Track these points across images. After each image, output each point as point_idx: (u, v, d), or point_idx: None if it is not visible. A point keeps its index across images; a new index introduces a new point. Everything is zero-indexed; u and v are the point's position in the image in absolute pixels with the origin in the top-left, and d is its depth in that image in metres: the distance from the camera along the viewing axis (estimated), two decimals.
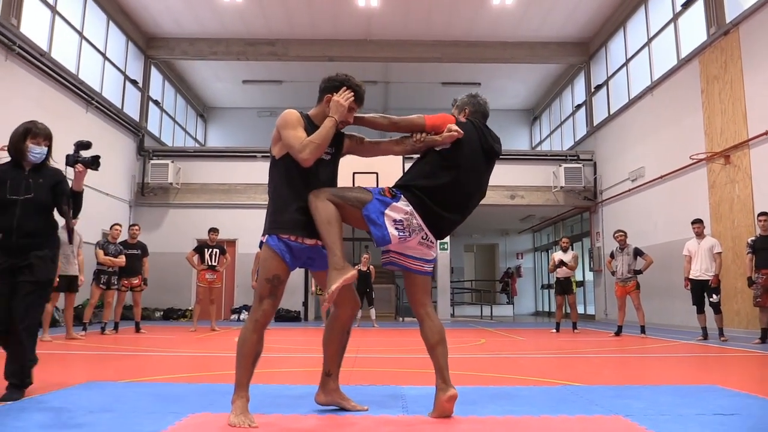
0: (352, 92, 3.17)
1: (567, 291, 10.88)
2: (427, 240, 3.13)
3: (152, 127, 16.50)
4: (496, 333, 10.71)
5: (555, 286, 11.17)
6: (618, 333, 9.74)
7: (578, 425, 2.91)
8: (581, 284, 17.35)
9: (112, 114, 13.90)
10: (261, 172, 15.61)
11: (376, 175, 13.21)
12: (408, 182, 3.15)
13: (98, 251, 9.35)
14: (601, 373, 5.28)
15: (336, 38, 15.74)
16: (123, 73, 14.82)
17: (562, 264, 10.79)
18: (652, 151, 12.83)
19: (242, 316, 14.37)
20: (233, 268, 14.68)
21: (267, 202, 3.24)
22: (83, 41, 12.86)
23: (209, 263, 10.56)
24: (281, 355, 6.57)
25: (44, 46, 11.27)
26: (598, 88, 15.92)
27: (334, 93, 3.17)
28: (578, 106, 17.40)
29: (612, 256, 10.10)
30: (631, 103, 13.87)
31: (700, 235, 8.99)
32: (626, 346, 7.97)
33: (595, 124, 16.12)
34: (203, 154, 16.72)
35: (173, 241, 14.80)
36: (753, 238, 8.39)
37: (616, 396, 3.68)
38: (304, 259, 3.15)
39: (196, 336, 9.28)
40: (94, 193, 13.00)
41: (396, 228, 3.03)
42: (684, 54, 11.73)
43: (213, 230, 10.84)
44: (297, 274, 13.80)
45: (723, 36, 10.44)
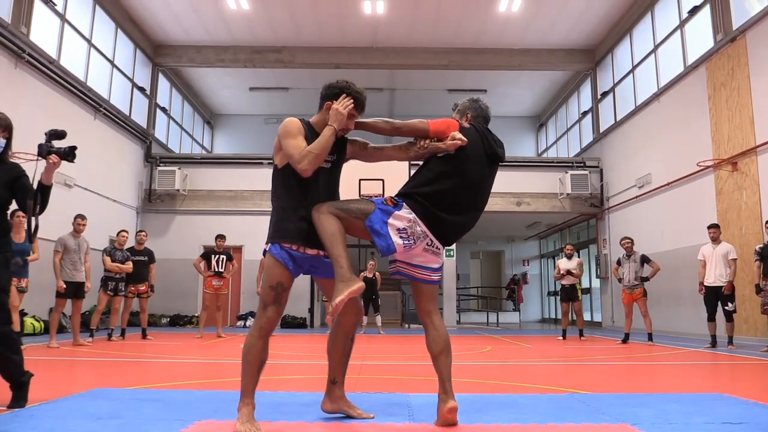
0: (351, 99, 3.17)
1: (572, 298, 10.85)
2: (433, 246, 3.12)
3: (159, 134, 16.59)
4: (502, 340, 10.67)
5: (560, 293, 11.14)
6: (625, 340, 9.69)
7: None
8: (588, 291, 17.29)
9: (120, 121, 13.98)
10: (267, 178, 15.50)
11: (382, 181, 13.25)
12: (410, 190, 3.14)
13: (105, 258, 9.39)
14: (608, 381, 5.25)
15: (342, 45, 15.80)
16: (131, 81, 14.91)
17: (568, 272, 10.77)
18: (659, 158, 12.80)
19: (248, 323, 14.38)
20: (240, 274, 14.70)
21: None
22: (92, 49, 12.95)
23: (216, 270, 10.59)
24: (287, 362, 6.57)
25: (53, 54, 11.36)
26: (605, 94, 15.90)
27: (335, 100, 3.18)
28: (584, 113, 17.38)
29: (619, 263, 10.06)
30: (638, 109, 13.84)
31: (715, 240, 8.89)
32: (633, 353, 7.93)
33: (601, 130, 16.09)
34: (210, 160, 16.78)
35: (180, 247, 14.84)
36: (761, 246, 8.33)
37: (623, 404, 3.66)
38: (306, 267, 3.16)
39: (202, 342, 9.29)
40: (101, 199, 13.07)
41: (400, 236, 3.03)
42: (691, 61, 11.72)
43: (220, 237, 10.87)
44: (303, 280, 13.81)
45: (730, 43, 10.42)
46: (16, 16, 10.24)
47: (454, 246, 15.79)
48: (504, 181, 14.72)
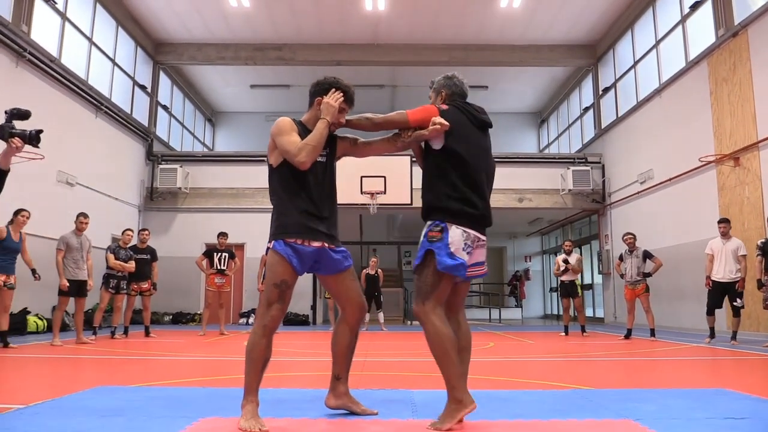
0: (341, 93, 3.20)
1: (572, 294, 10.85)
2: (481, 240, 3.14)
3: (161, 132, 16.60)
4: (505, 336, 10.68)
5: (559, 289, 11.15)
6: (627, 336, 9.69)
7: (588, 429, 2.91)
8: (588, 288, 17.30)
9: (121, 119, 13.99)
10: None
11: (384, 178, 13.28)
12: (436, 204, 3.09)
13: (109, 255, 9.41)
14: (610, 377, 5.26)
15: (343, 42, 15.79)
16: (132, 79, 14.91)
17: (566, 261, 10.79)
18: (661, 154, 12.79)
19: (251, 320, 14.40)
20: (242, 272, 14.72)
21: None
22: (93, 47, 12.96)
23: (218, 267, 10.60)
24: (290, 359, 6.58)
25: (54, 53, 11.37)
26: (606, 90, 15.88)
27: (322, 96, 3.23)
28: (586, 109, 17.36)
29: (621, 258, 10.05)
30: (639, 105, 13.82)
31: (725, 235, 8.79)
32: (636, 349, 7.94)
33: (603, 126, 16.08)
34: (212, 158, 16.79)
35: (182, 245, 14.87)
36: (763, 240, 8.32)
37: (625, 399, 3.67)
38: (310, 263, 3.15)
39: (205, 340, 9.31)
40: (103, 198, 13.09)
41: (464, 251, 3.02)
42: (692, 56, 11.69)
43: (222, 234, 10.88)
44: (306, 278, 13.83)
45: (732, 38, 10.40)
46: (17, 15, 10.24)
47: None
48: (506, 178, 14.74)
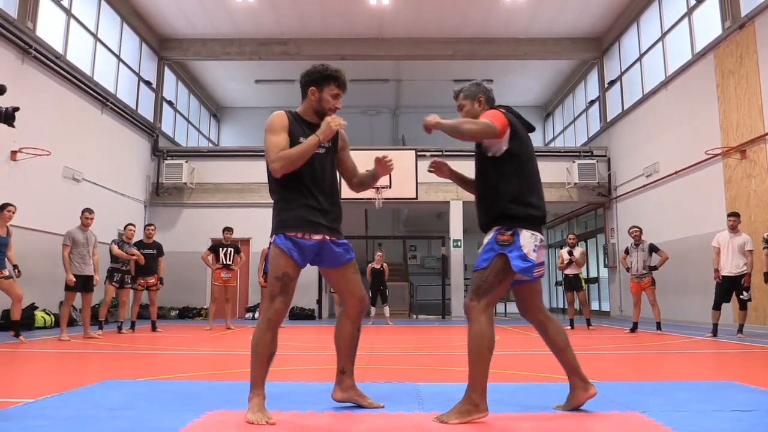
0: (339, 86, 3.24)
1: (576, 288, 10.83)
2: (542, 241, 3.14)
3: (166, 127, 16.63)
4: (511, 330, 10.68)
5: (564, 283, 11.13)
6: (633, 329, 9.67)
7: (594, 422, 2.91)
8: (594, 281, 17.28)
9: (127, 115, 14.03)
10: None
11: (390, 174, 13.22)
12: (505, 212, 3.07)
13: (112, 246, 9.41)
14: (616, 370, 5.26)
15: (348, 37, 15.77)
16: (137, 75, 14.94)
17: (570, 253, 10.78)
18: (667, 147, 12.74)
19: (257, 315, 14.44)
20: (248, 266, 14.75)
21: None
22: (98, 43, 12.98)
23: (224, 262, 10.63)
24: (296, 353, 6.60)
25: (60, 49, 11.40)
26: (612, 83, 15.81)
27: (316, 85, 3.21)
28: (591, 102, 17.31)
29: (627, 252, 10.02)
30: (645, 98, 13.77)
31: (734, 228, 8.66)
32: (642, 342, 7.93)
33: (608, 119, 16.02)
34: (217, 153, 16.82)
35: (188, 240, 14.91)
36: None
37: (632, 392, 3.67)
38: (312, 256, 3.15)
39: (211, 334, 9.34)
40: (108, 193, 13.13)
41: (534, 252, 3.04)
42: (699, 48, 11.64)
43: (227, 229, 10.90)
44: (311, 272, 13.86)
45: (738, 30, 10.33)
46: (23, 12, 10.27)
47: (461, 236, 15.79)
48: None
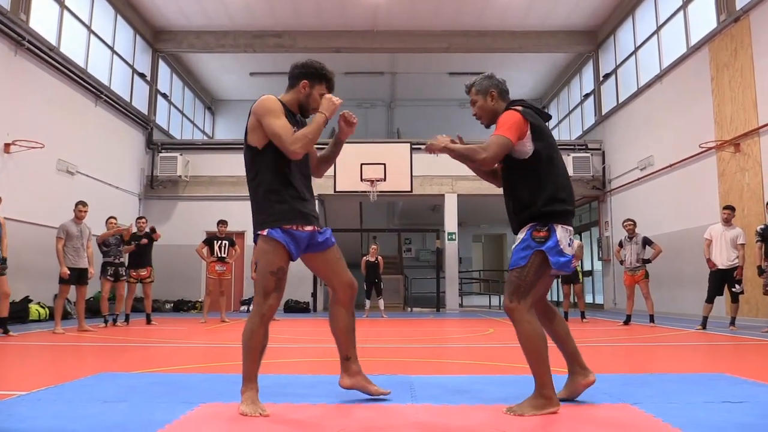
0: (329, 90, 3.19)
1: (573, 280, 10.86)
2: (573, 234, 3.17)
3: (161, 120, 16.57)
4: (504, 323, 10.72)
5: (561, 275, 11.14)
6: (627, 322, 9.72)
7: (586, 413, 2.93)
8: (589, 274, 17.33)
9: (121, 107, 13.97)
10: None
11: (384, 166, 13.26)
12: (539, 211, 3.04)
13: (97, 238, 9.27)
14: (609, 362, 5.28)
15: (343, 29, 15.72)
16: (131, 67, 14.87)
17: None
18: (662, 140, 12.77)
19: (252, 308, 14.47)
20: (242, 259, 14.74)
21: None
22: (91, 35, 12.91)
23: (219, 255, 10.62)
24: (290, 346, 6.61)
25: (53, 41, 11.33)
26: (607, 76, 15.83)
27: (309, 79, 3.16)
28: (586, 95, 17.32)
29: (621, 245, 10.05)
30: (640, 91, 13.79)
31: (728, 222, 8.71)
32: (635, 335, 7.97)
33: (603, 113, 16.04)
34: (212, 146, 16.79)
35: (183, 233, 14.89)
36: (762, 226, 8.32)
37: (624, 384, 3.69)
38: (304, 248, 3.14)
39: (206, 327, 9.35)
40: (103, 186, 13.10)
41: (569, 245, 3.07)
42: (693, 41, 11.65)
43: (222, 222, 10.88)
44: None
45: (733, 23, 10.35)
46: (15, 3, 10.20)
47: (456, 229, 15.81)
48: None
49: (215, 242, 10.70)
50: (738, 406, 3.02)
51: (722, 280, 8.65)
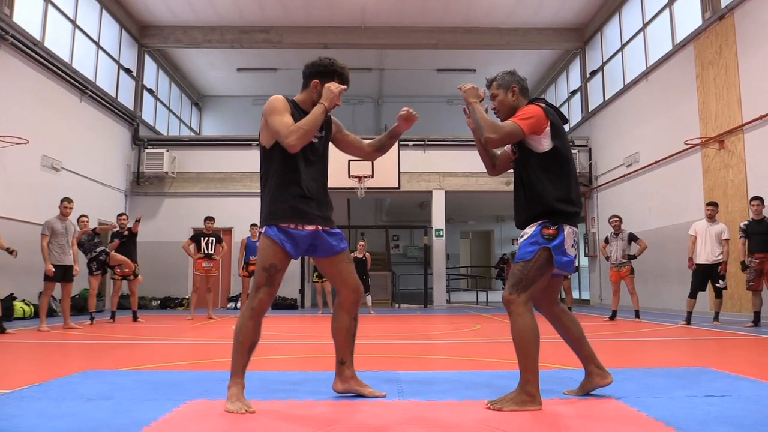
0: (345, 86, 3.17)
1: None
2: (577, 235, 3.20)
3: (147, 116, 16.45)
4: (492, 318, 10.77)
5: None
6: (612, 317, 9.80)
7: (571, 408, 2.96)
8: (576, 269, 17.43)
9: (107, 103, 13.85)
10: (256, 160, 15.42)
11: (371, 162, 13.23)
12: (551, 207, 3.05)
13: (74, 239, 8.98)
14: None
15: (331, 25, 15.67)
16: (117, 62, 14.74)
17: None
18: (647, 137, 12.85)
19: (239, 305, 14.41)
20: (230, 256, 14.70)
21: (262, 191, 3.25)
22: (76, 30, 12.78)
23: (205, 252, 10.58)
24: (277, 342, 6.61)
25: (37, 36, 11.20)
26: (594, 73, 15.90)
27: (320, 78, 3.18)
28: (573, 92, 17.39)
29: (606, 241, 10.13)
30: (626, 88, 13.87)
31: (711, 218, 8.76)
32: (620, 330, 8.03)
33: (590, 109, 16.12)
34: (198, 142, 16.68)
35: (169, 230, 14.82)
36: (745, 223, 8.41)
37: None
38: (306, 247, 3.16)
39: (193, 324, 9.31)
40: (88, 182, 12.99)
41: (573, 247, 3.11)
42: (679, 39, 11.72)
43: (209, 219, 10.85)
44: (293, 262, 13.82)
45: (718, 21, 10.43)
46: None
47: (443, 226, 15.85)
48: None
49: (202, 239, 10.66)
50: (721, 400, 3.06)
51: (706, 276, 8.72)
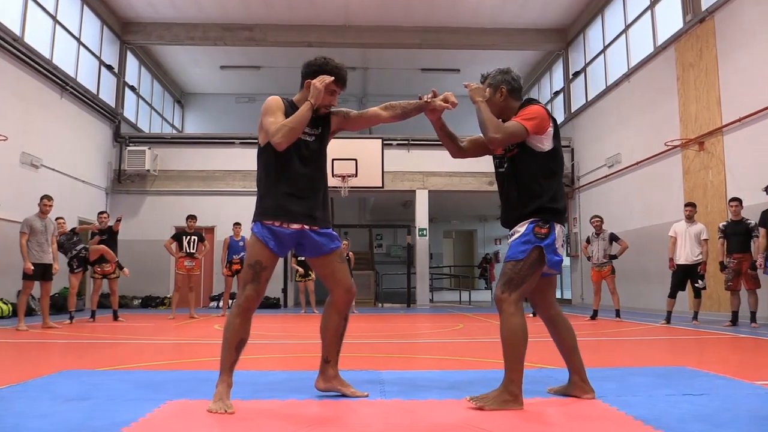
0: (333, 77, 3.13)
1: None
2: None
3: (128, 113, 16.28)
4: (474, 318, 10.81)
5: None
6: (593, 317, 9.88)
7: (552, 407, 2.97)
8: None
9: (88, 100, 13.70)
10: (239, 158, 15.56)
11: (355, 161, 13.26)
12: (545, 205, 3.07)
13: (54, 238, 8.81)
14: None
15: (314, 23, 15.62)
16: (98, 59, 14.58)
17: None
18: (629, 138, 12.97)
19: (221, 304, 14.33)
20: (212, 255, 14.59)
21: (245, 189, 3.25)
22: (57, 26, 12.62)
23: (187, 251, 10.51)
24: (259, 342, 6.58)
25: (17, 31, 11.04)
26: (576, 75, 16.01)
27: (313, 77, 3.15)
28: (556, 93, 17.51)
29: (588, 241, 10.21)
30: (609, 90, 13.98)
31: (690, 218, 8.88)
32: (601, 329, 8.10)
33: (572, 110, 16.24)
34: (181, 140, 16.54)
35: (151, 228, 14.69)
36: (724, 223, 8.52)
37: (589, 378, 3.71)
38: (292, 245, 3.17)
39: (174, 324, 9.24)
40: (69, 180, 12.84)
41: (562, 246, 3.13)
42: (660, 41, 11.85)
43: (191, 217, 10.77)
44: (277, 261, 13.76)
45: (699, 23, 10.55)
46: None
47: (427, 225, 15.87)
48: (476, 161, 14.66)
49: (184, 237, 10.59)
50: (699, 398, 3.10)
51: (685, 276, 8.84)
